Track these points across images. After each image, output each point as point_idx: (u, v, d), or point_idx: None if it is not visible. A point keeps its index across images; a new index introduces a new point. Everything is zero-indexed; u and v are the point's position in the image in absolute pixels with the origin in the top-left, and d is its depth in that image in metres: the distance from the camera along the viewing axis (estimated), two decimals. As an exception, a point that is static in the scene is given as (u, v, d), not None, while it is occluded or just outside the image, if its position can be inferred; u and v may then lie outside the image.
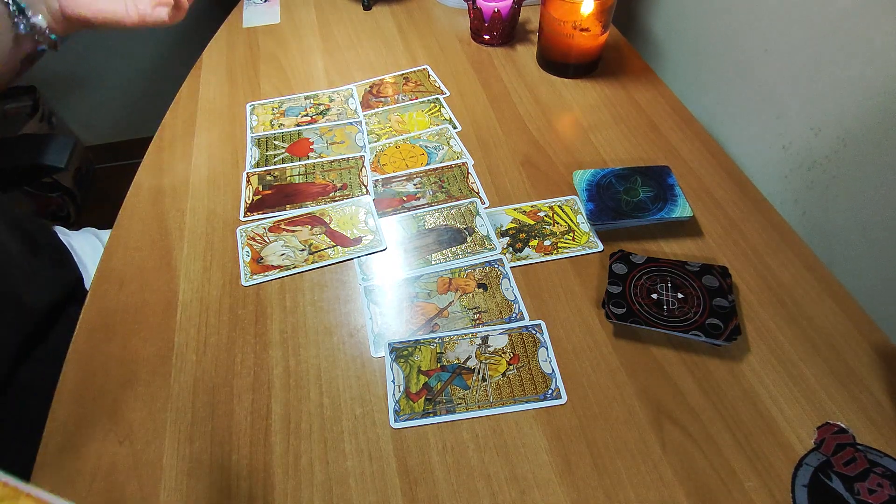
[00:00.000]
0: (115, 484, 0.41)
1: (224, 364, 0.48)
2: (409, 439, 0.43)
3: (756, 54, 0.66)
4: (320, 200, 0.61)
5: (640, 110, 0.71)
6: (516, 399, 0.45)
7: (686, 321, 0.47)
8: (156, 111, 0.78)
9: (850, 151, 0.56)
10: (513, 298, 0.51)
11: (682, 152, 0.65)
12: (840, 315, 0.49)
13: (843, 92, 0.56)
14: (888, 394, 0.44)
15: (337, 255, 0.55)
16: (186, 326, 0.50)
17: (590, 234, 0.56)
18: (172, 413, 0.45)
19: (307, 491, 0.40)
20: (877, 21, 0.51)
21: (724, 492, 0.40)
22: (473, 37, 0.84)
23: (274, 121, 0.71)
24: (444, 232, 0.57)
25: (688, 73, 0.80)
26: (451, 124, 0.69)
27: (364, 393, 0.46)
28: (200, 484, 0.41)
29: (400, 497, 0.40)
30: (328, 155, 0.66)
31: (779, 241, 0.55)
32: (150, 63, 1.52)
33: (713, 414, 0.44)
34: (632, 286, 0.50)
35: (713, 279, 0.50)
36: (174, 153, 0.68)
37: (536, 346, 0.48)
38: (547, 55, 0.77)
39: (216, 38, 0.87)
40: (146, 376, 0.47)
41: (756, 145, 0.69)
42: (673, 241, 0.56)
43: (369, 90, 0.76)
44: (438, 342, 0.48)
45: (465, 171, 0.63)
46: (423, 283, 0.53)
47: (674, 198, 0.57)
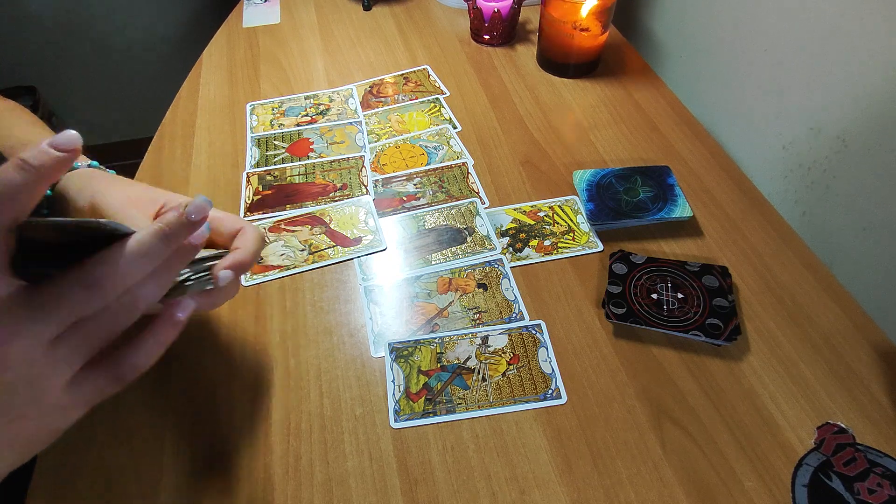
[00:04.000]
0: (115, 484, 0.41)
1: (224, 364, 0.48)
2: (409, 439, 0.43)
3: (756, 54, 0.66)
4: (320, 200, 0.61)
5: (640, 110, 0.71)
6: (516, 399, 0.45)
7: (686, 321, 0.47)
8: (156, 111, 0.78)
9: (850, 151, 0.56)
10: (513, 298, 0.51)
11: (682, 152, 0.65)
12: (840, 315, 0.49)
13: (843, 92, 0.56)
14: (888, 394, 0.44)
15: (337, 255, 0.55)
16: (186, 326, 0.50)
17: (590, 234, 0.56)
18: (172, 413, 0.45)
19: (307, 491, 0.40)
20: (877, 21, 0.51)
21: (724, 492, 0.40)
22: (473, 37, 0.84)
23: (274, 121, 0.71)
24: (444, 232, 0.57)
25: (688, 73, 0.80)
26: (451, 124, 0.69)
27: (364, 393, 0.46)
28: (200, 484, 0.41)
29: (400, 497, 0.40)
30: (328, 155, 0.66)
31: (779, 241, 0.55)
32: (150, 63, 1.52)
33: (713, 414, 0.44)
34: (632, 286, 0.50)
35: (713, 279, 0.50)
36: (174, 153, 0.68)
37: (536, 346, 0.48)
38: (547, 55, 0.77)
39: (216, 38, 0.87)
40: (146, 376, 0.47)
41: (756, 145, 0.69)
42: (673, 241, 0.56)
43: (369, 90, 0.76)
44: (438, 342, 0.48)
45: (465, 171, 0.63)
46: (423, 283, 0.53)
47: (674, 198, 0.57)
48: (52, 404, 0.28)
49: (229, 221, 0.41)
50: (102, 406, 0.45)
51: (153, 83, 1.54)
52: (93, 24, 1.41)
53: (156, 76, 1.54)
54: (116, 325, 0.29)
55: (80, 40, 1.43)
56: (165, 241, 0.29)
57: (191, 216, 0.30)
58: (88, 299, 0.27)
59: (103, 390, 0.30)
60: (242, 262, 0.38)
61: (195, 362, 0.48)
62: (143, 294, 0.30)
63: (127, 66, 1.51)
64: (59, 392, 0.28)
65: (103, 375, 0.30)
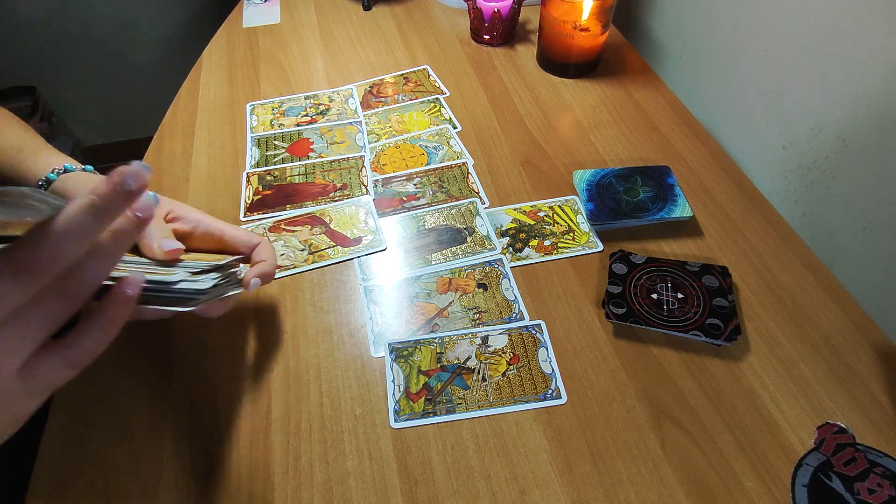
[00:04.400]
0: (115, 484, 0.41)
1: (224, 364, 0.48)
2: (409, 439, 0.43)
3: (756, 54, 0.66)
4: (320, 200, 0.61)
5: (640, 110, 0.71)
6: (516, 399, 0.45)
7: (686, 321, 0.47)
8: (156, 111, 0.78)
9: (850, 151, 0.56)
10: (513, 298, 0.51)
11: (682, 152, 0.65)
12: (840, 315, 0.49)
13: (843, 92, 0.56)
14: (888, 394, 0.44)
15: (337, 255, 0.55)
16: (186, 326, 0.50)
17: (590, 234, 0.56)
18: (172, 413, 0.45)
19: (307, 491, 0.40)
20: (877, 21, 0.51)
21: (724, 492, 0.40)
22: (473, 37, 0.84)
23: (274, 121, 0.71)
24: (444, 232, 0.57)
25: (688, 73, 0.80)
26: (451, 124, 0.69)
27: (364, 393, 0.46)
28: (200, 484, 0.41)
29: (400, 497, 0.40)
30: (328, 155, 0.66)
31: (779, 241, 0.55)
32: (150, 63, 1.52)
33: (713, 414, 0.44)
34: (632, 286, 0.50)
35: (713, 279, 0.50)
36: (174, 153, 0.68)
37: (536, 346, 0.48)
38: (547, 55, 0.77)
39: (216, 38, 0.87)
40: (146, 376, 0.47)
41: (756, 145, 0.69)
42: (673, 241, 0.56)
43: (369, 90, 0.76)
44: (438, 342, 0.48)
45: (465, 171, 0.63)
46: (423, 283, 0.53)
47: (674, 198, 0.57)
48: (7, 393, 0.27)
49: (246, 236, 0.45)
50: (103, 405, 0.45)
51: (153, 83, 1.54)
52: (93, 24, 1.41)
53: (156, 76, 1.54)
54: (62, 310, 0.28)
55: (80, 40, 1.43)
56: (96, 215, 0.27)
57: (127, 184, 0.27)
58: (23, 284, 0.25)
59: (58, 376, 0.29)
60: (269, 273, 0.44)
61: (196, 363, 0.48)
62: (86, 274, 0.28)
63: (127, 66, 1.51)
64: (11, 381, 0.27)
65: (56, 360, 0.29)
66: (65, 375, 0.29)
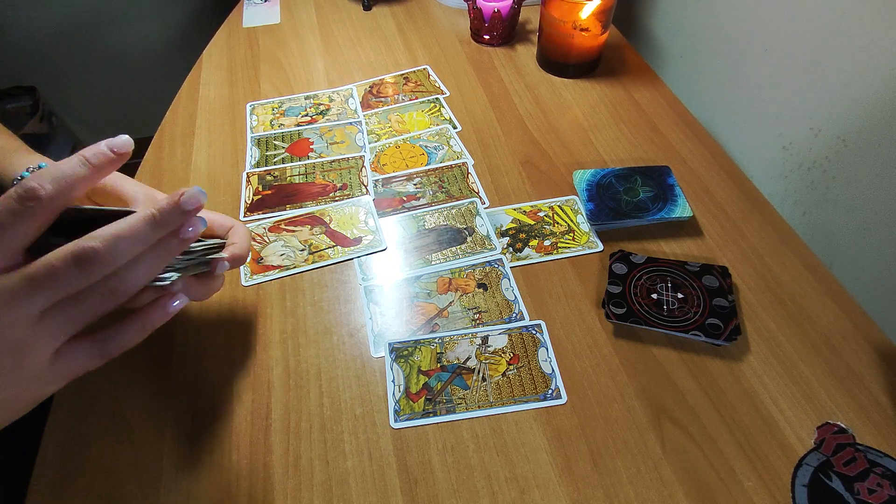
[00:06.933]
0: (115, 484, 0.41)
1: (224, 364, 0.48)
2: (409, 439, 0.43)
3: (756, 54, 0.66)
4: (320, 200, 0.61)
5: (640, 110, 0.71)
6: (516, 399, 0.45)
7: (686, 321, 0.47)
8: (156, 111, 0.78)
9: (850, 151, 0.56)
10: (513, 298, 0.51)
11: (682, 152, 0.65)
12: (840, 315, 0.49)
13: (843, 92, 0.56)
14: (888, 394, 0.44)
15: (337, 255, 0.55)
16: (186, 326, 0.50)
17: (590, 234, 0.56)
18: (172, 413, 0.45)
19: (307, 491, 0.40)
20: (877, 21, 0.51)
21: (723, 492, 0.40)
22: (473, 37, 0.84)
23: (274, 121, 0.71)
24: (444, 232, 0.57)
25: (688, 72, 0.80)
26: (451, 124, 0.69)
27: (364, 393, 0.46)
28: (200, 484, 0.41)
29: (400, 497, 0.40)
30: (328, 155, 0.66)
31: (779, 241, 0.55)
32: (150, 63, 1.52)
33: (713, 414, 0.44)
34: (632, 286, 0.50)
35: (713, 279, 0.50)
36: (174, 153, 0.68)
37: (536, 346, 0.48)
38: (547, 55, 0.77)
39: (216, 38, 0.87)
40: (146, 376, 0.47)
41: (756, 145, 0.69)
42: (673, 241, 0.56)
43: (369, 90, 0.76)
44: (438, 342, 0.48)
45: (465, 171, 0.63)
46: (423, 283, 0.53)
47: (674, 198, 0.57)
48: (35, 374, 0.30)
49: (220, 219, 0.44)
50: (103, 405, 0.45)
51: (153, 83, 1.54)
52: (93, 24, 1.41)
53: (156, 76, 1.54)
54: (101, 305, 0.30)
55: (80, 40, 1.43)
56: (154, 227, 0.30)
57: (184, 205, 0.31)
58: (77, 275, 0.28)
59: (85, 364, 0.32)
60: (240, 256, 0.42)
61: (196, 362, 0.48)
62: (129, 277, 0.31)
63: (127, 66, 1.51)
64: (42, 363, 0.30)
65: (88, 351, 0.32)
66: (91, 365, 0.32)
